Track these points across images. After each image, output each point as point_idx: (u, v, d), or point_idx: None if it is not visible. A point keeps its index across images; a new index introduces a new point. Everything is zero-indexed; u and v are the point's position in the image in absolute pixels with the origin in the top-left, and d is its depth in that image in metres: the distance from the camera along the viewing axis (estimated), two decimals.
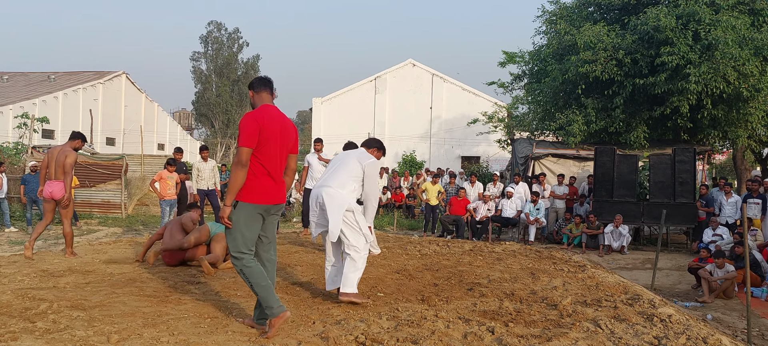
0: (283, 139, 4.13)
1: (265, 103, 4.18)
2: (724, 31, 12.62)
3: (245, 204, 4.00)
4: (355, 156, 5.09)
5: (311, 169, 9.94)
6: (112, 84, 34.43)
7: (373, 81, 32.65)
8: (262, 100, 4.20)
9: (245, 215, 4.00)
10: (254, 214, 4.03)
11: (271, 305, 3.98)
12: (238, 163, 3.94)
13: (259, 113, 4.05)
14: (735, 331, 6.75)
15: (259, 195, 4.02)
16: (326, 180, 5.03)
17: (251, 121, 3.97)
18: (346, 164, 5.05)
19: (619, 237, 12.15)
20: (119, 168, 16.31)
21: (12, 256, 7.34)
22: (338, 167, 5.09)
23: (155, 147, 35.19)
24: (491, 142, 27.46)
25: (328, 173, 5.16)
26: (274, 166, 4.07)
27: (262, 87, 4.21)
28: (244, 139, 3.93)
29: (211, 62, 52.49)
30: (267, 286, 4.00)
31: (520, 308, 4.89)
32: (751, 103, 13.43)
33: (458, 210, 13.76)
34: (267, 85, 4.24)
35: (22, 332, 3.89)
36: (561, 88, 15.41)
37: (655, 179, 12.68)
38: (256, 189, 4.01)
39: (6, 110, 26.59)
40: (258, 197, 4.01)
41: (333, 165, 5.22)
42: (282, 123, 4.15)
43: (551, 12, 17.40)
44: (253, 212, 4.02)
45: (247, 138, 3.93)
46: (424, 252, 8.05)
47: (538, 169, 14.82)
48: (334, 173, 5.05)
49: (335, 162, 5.25)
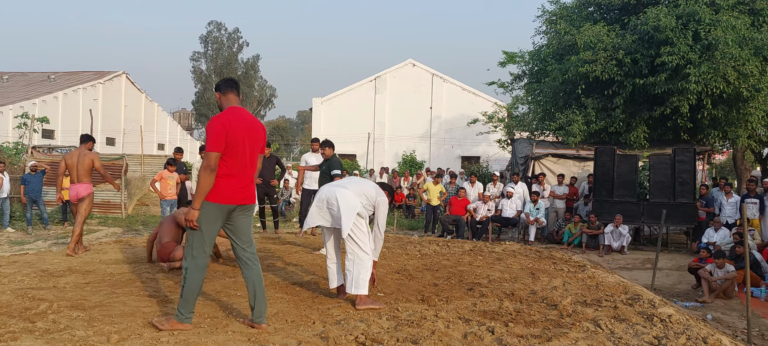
0: (251, 140, 4.14)
1: (232, 106, 4.18)
2: (724, 31, 12.62)
3: (210, 204, 4.01)
4: (373, 186, 5.27)
5: None
6: (112, 84, 34.42)
7: (373, 81, 32.64)
8: (228, 102, 4.20)
9: (208, 214, 4.02)
10: (217, 214, 4.05)
11: (188, 308, 4.04)
12: (206, 168, 3.96)
13: (226, 116, 4.05)
14: (735, 331, 6.75)
15: (225, 196, 4.03)
16: (343, 183, 5.20)
17: (218, 125, 3.98)
18: (365, 185, 5.24)
19: (619, 237, 12.15)
20: (119, 168, 16.31)
21: (12, 256, 7.34)
22: (357, 182, 5.28)
23: (155, 147, 35.17)
24: (491, 142, 27.44)
25: (343, 180, 5.41)
26: (242, 168, 4.09)
27: (228, 89, 4.22)
28: (212, 143, 3.96)
29: (211, 62, 52.50)
30: (197, 292, 4.07)
31: (520, 308, 4.89)
32: (751, 103, 13.43)
33: (458, 210, 13.76)
34: (233, 87, 4.24)
35: (22, 332, 3.89)
36: (561, 88, 15.40)
37: (655, 179, 12.68)
38: (223, 190, 4.02)
39: (6, 110, 26.58)
40: (224, 198, 4.03)
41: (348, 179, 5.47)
42: (249, 124, 4.16)
43: (551, 12, 17.41)
44: (217, 213, 4.04)
45: (215, 142, 3.95)
46: (424, 252, 8.05)
47: (538, 170, 14.82)
48: (351, 183, 5.23)
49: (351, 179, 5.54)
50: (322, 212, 5.08)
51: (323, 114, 32.80)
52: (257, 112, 55.87)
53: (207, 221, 4.02)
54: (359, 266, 4.87)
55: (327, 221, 5.05)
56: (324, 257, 7.43)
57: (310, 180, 9.97)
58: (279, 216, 11.31)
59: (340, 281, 5.18)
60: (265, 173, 10.25)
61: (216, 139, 3.94)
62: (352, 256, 4.91)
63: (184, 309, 4.04)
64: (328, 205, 5.02)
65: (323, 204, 5.06)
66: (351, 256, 4.92)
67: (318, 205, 5.12)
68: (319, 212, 5.10)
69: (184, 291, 4.04)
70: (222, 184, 4.02)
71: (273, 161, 10.51)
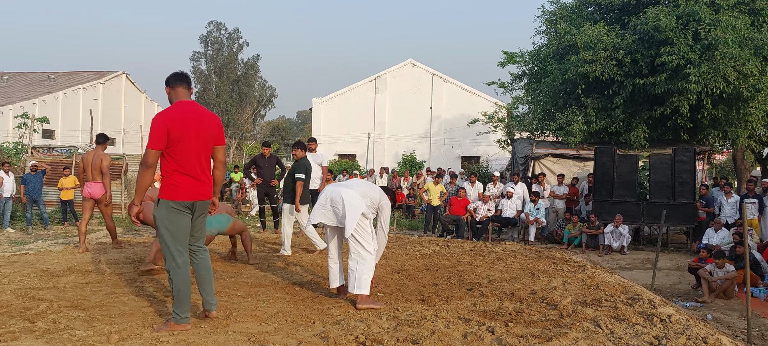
0: (201, 133, 4.09)
1: (180, 100, 4.14)
2: (724, 31, 12.62)
3: (165, 201, 4.01)
4: (377, 189, 5.34)
5: None
6: (112, 84, 34.43)
7: (373, 81, 32.64)
8: (177, 96, 4.17)
9: (167, 212, 4.01)
10: (177, 211, 4.03)
11: (183, 309, 4.05)
12: (143, 165, 3.97)
13: (169, 112, 4.03)
14: (735, 331, 6.75)
15: (177, 192, 4.01)
16: (349, 184, 5.25)
17: (159, 123, 3.95)
18: (368, 187, 5.28)
19: (619, 237, 12.15)
20: (119, 168, 16.31)
21: (12, 256, 7.34)
22: (361, 184, 5.33)
23: None
24: (491, 142, 27.45)
25: (348, 181, 5.46)
26: (192, 163, 4.05)
27: (177, 82, 4.17)
28: (151, 141, 3.94)
29: (211, 62, 52.48)
30: (188, 292, 4.07)
31: (520, 308, 4.89)
32: (751, 103, 13.43)
33: (458, 210, 13.75)
34: (182, 81, 4.19)
35: (22, 332, 3.89)
36: (561, 88, 15.40)
37: (655, 179, 12.68)
38: (174, 186, 4.00)
39: (6, 110, 26.59)
40: (177, 194, 4.01)
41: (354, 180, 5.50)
42: (199, 117, 4.10)
43: (551, 12, 17.40)
44: (175, 209, 4.02)
45: (154, 140, 3.93)
46: (424, 252, 8.06)
47: (538, 169, 14.82)
48: (356, 184, 5.28)
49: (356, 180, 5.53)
50: (325, 211, 5.08)
51: (323, 114, 32.80)
52: (257, 112, 55.90)
53: (168, 220, 4.01)
54: (362, 265, 4.87)
55: (331, 219, 5.06)
56: (322, 256, 7.45)
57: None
58: (279, 216, 11.31)
59: (341, 282, 5.20)
60: (265, 173, 10.26)
61: (155, 137, 3.92)
62: (356, 256, 4.91)
63: (179, 310, 4.05)
64: (332, 204, 5.03)
65: (327, 203, 5.07)
66: (355, 256, 4.92)
67: (322, 203, 5.13)
68: (322, 210, 5.10)
69: (174, 293, 4.06)
70: (176, 181, 4.00)
71: (273, 161, 10.52)
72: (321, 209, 5.12)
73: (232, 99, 51.66)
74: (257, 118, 57.25)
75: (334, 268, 5.21)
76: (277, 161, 10.61)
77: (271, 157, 10.50)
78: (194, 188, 4.06)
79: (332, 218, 5.05)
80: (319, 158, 10.05)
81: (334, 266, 5.21)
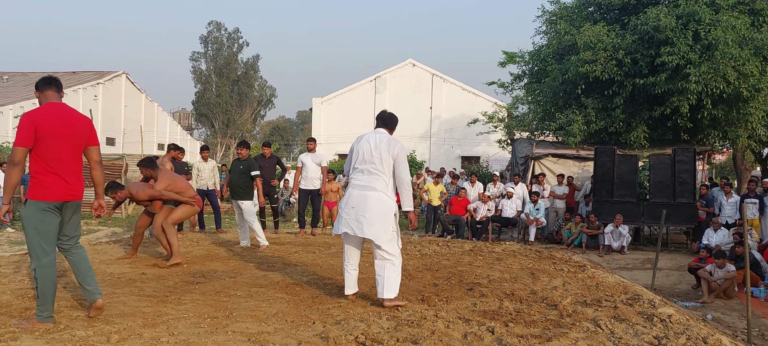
0: (70, 135, 4.13)
1: (49, 102, 4.19)
2: (724, 31, 12.62)
3: (33, 202, 4.04)
4: (385, 148, 4.87)
5: (305, 169, 9.95)
6: (112, 84, 34.42)
7: (373, 81, 32.64)
8: (46, 98, 4.21)
9: (34, 212, 4.03)
10: (43, 211, 4.05)
11: (46, 308, 4.05)
12: (10, 163, 3.99)
13: (37, 112, 4.07)
14: (735, 331, 6.75)
15: (45, 192, 4.04)
16: (370, 182, 4.84)
17: (26, 122, 4.00)
18: (382, 161, 4.84)
19: (619, 237, 12.15)
20: (119, 168, 16.32)
21: (12, 256, 7.34)
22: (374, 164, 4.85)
23: (155, 147, 35.17)
24: (491, 142, 27.44)
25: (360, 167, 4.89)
26: (60, 164, 4.08)
27: (46, 86, 4.23)
28: (18, 139, 3.97)
29: (211, 62, 52.48)
30: (52, 292, 4.08)
31: (520, 308, 4.89)
32: (751, 103, 13.43)
33: (458, 210, 13.75)
34: (52, 84, 4.25)
35: (22, 332, 3.90)
36: (561, 88, 15.40)
37: (655, 179, 12.68)
38: (42, 187, 4.03)
39: (6, 110, 26.58)
40: (44, 194, 4.04)
41: (363, 156, 4.89)
42: (67, 118, 4.15)
43: (551, 12, 17.39)
44: (42, 209, 4.04)
45: (21, 138, 3.96)
46: (424, 252, 8.06)
47: (538, 170, 14.82)
48: (371, 172, 4.85)
49: (364, 153, 4.90)
50: (351, 220, 4.83)
51: (323, 114, 32.81)
52: (257, 112, 55.92)
53: (35, 220, 4.03)
54: (391, 269, 4.76)
55: (358, 230, 4.80)
56: (322, 255, 7.47)
57: (306, 180, 9.97)
58: (279, 216, 11.31)
59: (355, 289, 5.04)
60: (265, 173, 10.25)
61: (22, 136, 3.96)
62: (383, 260, 4.77)
63: (42, 309, 4.06)
64: (357, 215, 4.79)
65: (353, 213, 4.81)
66: (381, 261, 4.78)
67: (347, 209, 4.86)
68: (348, 219, 4.84)
69: (38, 292, 4.07)
70: (43, 181, 4.03)
71: (274, 161, 10.51)
72: (346, 218, 4.85)
73: (232, 99, 51.66)
74: (257, 118, 57.27)
75: (353, 275, 5.00)
76: (277, 161, 10.61)
77: (272, 158, 10.50)
78: (64, 189, 4.10)
79: (360, 228, 4.78)
80: (319, 158, 10.05)
81: (353, 273, 5.00)
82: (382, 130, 5.07)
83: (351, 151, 5.06)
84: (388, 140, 4.93)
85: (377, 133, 5.00)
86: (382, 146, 4.87)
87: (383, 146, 4.87)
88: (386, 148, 4.87)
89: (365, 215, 4.77)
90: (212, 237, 9.38)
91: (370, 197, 4.80)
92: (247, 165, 8.49)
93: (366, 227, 4.76)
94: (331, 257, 7.44)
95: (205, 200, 10.98)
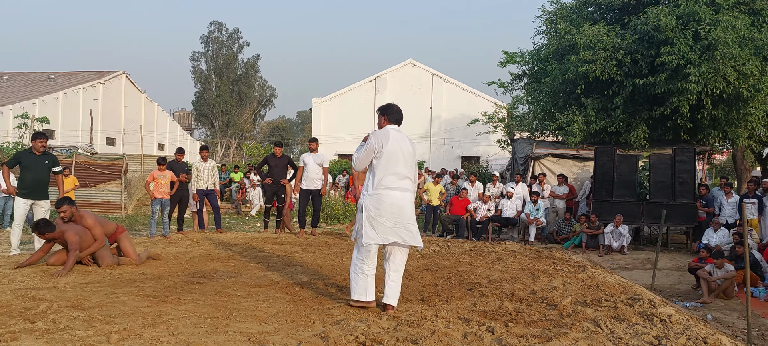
0: None
1: None
2: (724, 31, 12.62)
3: None
4: (412, 152, 4.82)
5: (306, 169, 9.93)
6: (112, 84, 34.41)
7: (373, 81, 32.65)
8: None
9: None
10: None
11: None
12: None
13: None
14: (735, 331, 6.75)
15: None
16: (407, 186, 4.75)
17: None
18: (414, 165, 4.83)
19: (619, 237, 12.15)
20: (119, 168, 16.31)
21: (12, 256, 7.34)
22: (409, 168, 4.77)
23: (155, 147, 35.18)
24: (491, 142, 27.46)
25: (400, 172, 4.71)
26: None
27: None
28: None
29: (211, 62, 52.50)
30: None
31: (520, 308, 4.89)
32: (751, 103, 13.43)
33: (458, 210, 13.75)
34: None
35: (22, 332, 3.89)
36: (561, 88, 15.40)
37: (655, 179, 12.67)
38: None
39: (6, 110, 26.58)
40: None
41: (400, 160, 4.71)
42: None
43: (551, 12, 17.40)
44: None
45: None
46: (424, 252, 8.05)
47: (538, 170, 14.82)
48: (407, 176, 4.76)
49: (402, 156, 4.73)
50: (399, 229, 4.65)
51: (323, 114, 32.82)
52: (257, 112, 55.91)
53: None
54: (400, 280, 4.82)
55: (408, 238, 4.70)
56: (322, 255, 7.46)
57: (306, 180, 9.96)
58: (283, 216, 11.29)
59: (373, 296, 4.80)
60: (275, 173, 10.22)
61: None
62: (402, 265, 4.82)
63: None
64: (405, 222, 4.68)
65: (399, 221, 4.66)
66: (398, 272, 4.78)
67: (389, 215, 4.64)
68: (394, 228, 4.64)
69: None
70: None
71: (284, 161, 10.46)
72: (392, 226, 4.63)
73: (232, 99, 51.66)
74: (257, 118, 57.28)
75: (372, 281, 4.77)
76: (288, 161, 10.57)
77: (283, 157, 10.46)
78: None
79: (405, 237, 4.67)
80: (320, 159, 10.04)
81: (372, 280, 4.78)
82: (399, 128, 4.91)
83: (373, 149, 4.73)
84: (410, 142, 4.88)
85: (399, 133, 4.84)
86: (411, 150, 4.84)
87: (412, 150, 4.84)
88: (412, 152, 4.84)
89: (413, 223, 4.74)
90: (212, 237, 9.38)
91: (408, 203, 4.75)
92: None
93: (417, 235, 4.75)
94: (331, 257, 7.44)
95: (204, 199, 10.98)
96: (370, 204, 4.67)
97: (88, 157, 17.40)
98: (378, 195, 4.67)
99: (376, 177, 4.70)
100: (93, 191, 16.21)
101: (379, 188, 4.68)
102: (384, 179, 4.67)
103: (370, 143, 4.73)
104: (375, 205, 4.65)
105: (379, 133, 4.78)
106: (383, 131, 4.79)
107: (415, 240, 4.74)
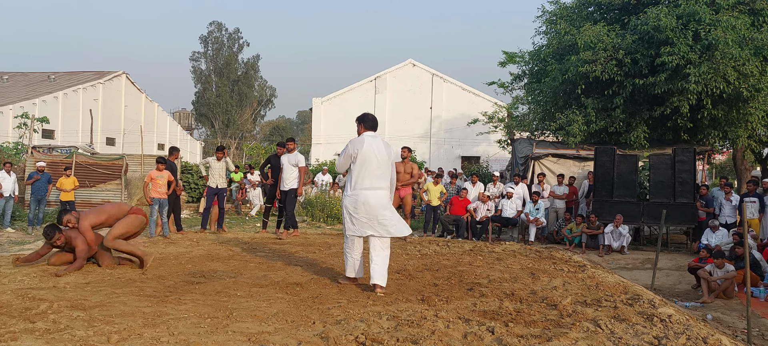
0: None
1: None
2: (724, 31, 12.62)
3: None
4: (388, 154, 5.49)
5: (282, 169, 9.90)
6: (112, 84, 34.42)
7: (373, 81, 32.65)
8: None
9: None
10: None
11: None
12: None
13: None
14: (735, 331, 6.75)
15: None
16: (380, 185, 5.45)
17: None
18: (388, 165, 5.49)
19: (619, 237, 12.15)
20: (119, 168, 16.33)
21: (12, 256, 7.33)
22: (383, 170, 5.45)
23: (155, 147, 35.19)
24: (491, 142, 27.46)
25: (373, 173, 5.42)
26: None
27: None
28: None
29: (211, 62, 52.51)
30: None
31: (520, 308, 4.89)
32: (751, 103, 13.44)
33: (459, 210, 13.75)
34: None
35: (22, 332, 3.89)
36: (561, 88, 15.41)
37: (655, 179, 12.68)
38: None
39: (6, 110, 26.59)
40: None
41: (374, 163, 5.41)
42: None
43: (551, 12, 17.40)
44: None
45: None
46: (424, 252, 8.05)
47: (538, 170, 14.83)
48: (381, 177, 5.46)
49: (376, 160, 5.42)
50: (373, 223, 5.38)
51: (323, 114, 32.81)
52: (257, 112, 55.91)
53: None
54: (384, 258, 5.37)
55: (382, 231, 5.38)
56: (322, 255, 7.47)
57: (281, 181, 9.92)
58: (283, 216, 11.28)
59: (361, 274, 5.63)
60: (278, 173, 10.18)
61: None
62: (383, 251, 5.37)
63: None
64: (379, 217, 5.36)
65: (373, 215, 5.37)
66: (383, 251, 5.36)
67: (367, 216, 5.37)
68: (369, 222, 5.38)
69: None
70: None
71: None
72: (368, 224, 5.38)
73: (232, 99, 51.67)
74: (257, 118, 57.29)
75: (358, 260, 5.58)
76: None
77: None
78: None
79: (380, 229, 5.37)
80: (295, 159, 9.95)
81: (358, 259, 5.58)
82: (376, 134, 5.59)
83: (350, 155, 5.48)
84: (386, 146, 5.55)
85: (375, 139, 5.52)
86: (386, 153, 5.50)
87: (386, 153, 5.51)
88: (386, 155, 5.50)
89: (385, 216, 5.37)
90: (212, 237, 9.38)
91: (383, 198, 5.41)
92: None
93: (391, 227, 5.38)
94: (331, 257, 7.44)
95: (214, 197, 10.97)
96: (348, 203, 5.45)
97: (88, 157, 17.40)
98: (355, 195, 5.42)
99: (352, 179, 5.45)
100: (93, 191, 16.23)
101: (356, 188, 5.43)
102: (359, 181, 5.41)
103: (347, 150, 5.50)
104: (352, 203, 5.42)
105: (355, 140, 5.50)
106: (359, 139, 5.49)
107: (391, 231, 5.39)
